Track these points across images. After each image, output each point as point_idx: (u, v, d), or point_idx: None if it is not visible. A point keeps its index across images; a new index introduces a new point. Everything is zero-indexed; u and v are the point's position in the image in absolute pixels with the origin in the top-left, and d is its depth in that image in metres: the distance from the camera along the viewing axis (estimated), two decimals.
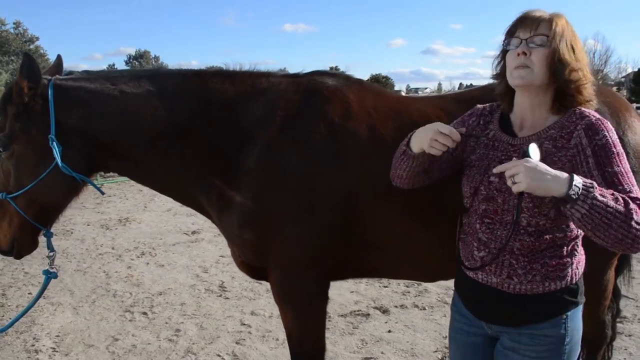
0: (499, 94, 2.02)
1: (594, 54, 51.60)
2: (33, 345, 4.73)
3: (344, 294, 5.84)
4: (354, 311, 5.39)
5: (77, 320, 5.29)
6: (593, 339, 3.06)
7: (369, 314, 5.30)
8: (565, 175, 1.63)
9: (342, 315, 5.29)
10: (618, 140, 1.77)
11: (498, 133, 1.98)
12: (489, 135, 2.00)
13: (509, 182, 1.69)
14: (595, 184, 1.62)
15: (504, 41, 1.93)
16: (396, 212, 2.48)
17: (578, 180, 1.61)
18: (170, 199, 2.92)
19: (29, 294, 6.06)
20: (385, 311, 5.37)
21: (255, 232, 2.54)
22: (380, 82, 58.24)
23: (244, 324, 5.13)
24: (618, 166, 1.72)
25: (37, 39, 58.33)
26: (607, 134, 1.75)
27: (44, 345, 4.73)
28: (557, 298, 1.86)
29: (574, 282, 1.89)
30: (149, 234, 8.94)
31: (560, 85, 1.84)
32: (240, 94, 2.64)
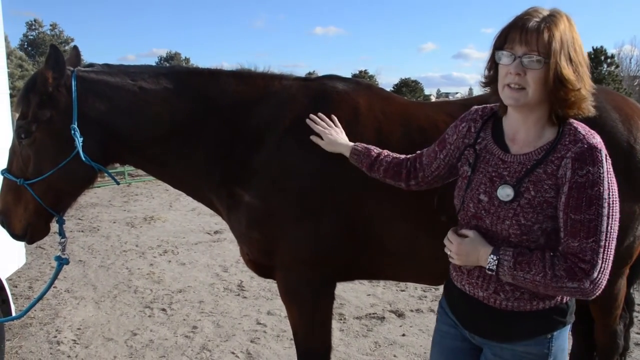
0: (493, 97, 1.87)
1: (630, 60, 50.49)
2: (55, 337, 4.88)
3: (361, 297, 5.87)
4: (370, 314, 5.41)
5: (98, 314, 5.44)
6: (604, 349, 3.03)
7: (384, 317, 5.31)
8: (487, 252, 1.75)
9: (357, 318, 5.31)
10: (606, 174, 1.63)
11: (490, 144, 1.88)
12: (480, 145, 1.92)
13: (446, 251, 1.92)
14: (510, 259, 1.70)
15: (494, 50, 1.75)
16: (401, 215, 2.50)
17: (493, 257, 1.73)
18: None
19: (54, 287, 6.22)
20: (400, 315, 5.38)
21: (262, 232, 2.60)
22: (409, 87, 57.92)
23: (260, 323, 5.19)
24: (584, 213, 1.61)
25: (72, 40, 59.76)
26: (591, 168, 1.62)
27: (65, 337, 4.87)
28: (544, 317, 1.79)
29: (564, 301, 1.81)
30: (173, 232, 9.10)
31: (558, 101, 1.69)
32: (253, 95, 2.69)
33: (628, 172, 2.54)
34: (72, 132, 2.47)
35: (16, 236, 2.65)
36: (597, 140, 1.68)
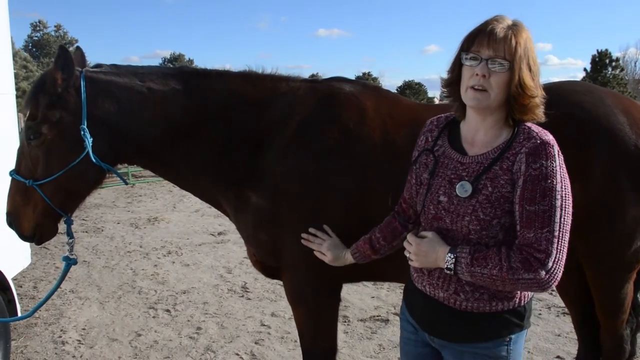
0: (452, 100, 1.94)
1: (635, 63, 50.46)
2: (60, 337, 4.89)
3: (365, 299, 5.86)
4: (374, 316, 5.40)
5: (102, 315, 5.45)
6: (610, 354, 3.01)
7: (388, 320, 5.31)
8: (444, 252, 1.79)
9: (361, 320, 5.31)
10: (558, 168, 1.69)
11: (447, 149, 1.93)
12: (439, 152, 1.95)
13: (406, 254, 1.94)
14: (467, 256, 1.73)
15: (461, 51, 1.82)
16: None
17: (450, 256, 1.76)
18: (199, 200, 3.00)
19: (59, 288, 6.22)
20: None
21: (269, 234, 2.61)
22: (412, 89, 57.89)
23: (264, 325, 5.19)
24: (539, 204, 1.66)
25: (77, 41, 59.80)
26: (544, 162, 1.68)
27: (70, 337, 4.88)
28: (503, 319, 1.82)
29: (521, 304, 1.84)
30: (177, 233, 9.11)
31: (517, 106, 1.75)
32: (261, 97, 2.70)
33: (636, 175, 2.54)
34: (82, 132, 2.47)
35: (25, 237, 2.65)
36: (549, 137, 1.74)
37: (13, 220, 2.60)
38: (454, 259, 1.76)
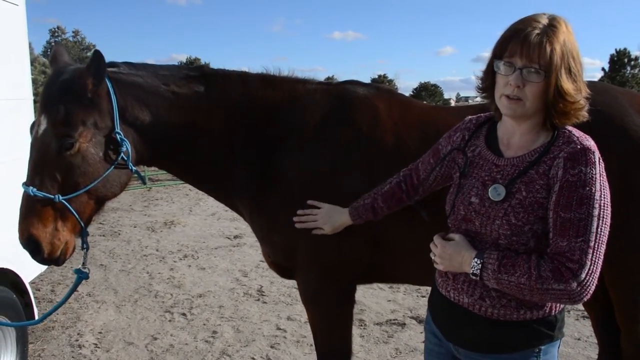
0: (489, 102, 1.87)
1: None
2: (77, 340, 4.92)
3: (381, 303, 5.82)
4: (390, 320, 5.36)
5: (119, 319, 5.47)
6: (631, 359, 2.95)
7: (404, 324, 5.26)
8: (470, 256, 1.71)
9: (377, 324, 5.27)
10: (598, 175, 1.61)
11: (484, 150, 1.87)
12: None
13: (431, 256, 1.89)
14: (494, 262, 1.65)
15: (493, 59, 1.74)
16: (419, 220, 2.47)
17: (477, 261, 1.69)
18: (216, 204, 3.01)
19: (76, 291, 6.26)
20: (421, 321, 5.31)
21: (283, 235, 2.61)
22: (428, 90, 57.82)
23: (280, 329, 5.18)
24: (574, 211, 1.58)
25: (94, 46, 60.56)
26: (583, 168, 1.59)
27: (86, 341, 4.91)
28: (531, 328, 1.73)
29: (553, 313, 1.75)
30: (193, 237, 9.13)
31: (556, 113, 1.68)
32: (279, 99, 2.70)
33: None
34: (118, 137, 2.38)
35: (51, 260, 2.36)
36: (590, 143, 1.66)
37: (34, 245, 2.28)
38: (480, 264, 1.68)
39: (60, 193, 2.28)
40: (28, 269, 4.17)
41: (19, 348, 3.83)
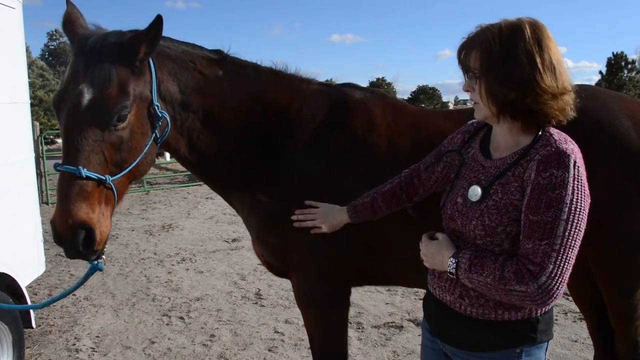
0: None
1: None
2: (74, 345, 4.91)
3: (379, 305, 5.82)
4: (388, 323, 5.36)
5: (116, 322, 5.46)
6: None
7: (402, 326, 5.26)
8: (448, 255, 1.77)
9: (375, 327, 5.27)
10: (572, 179, 1.58)
11: (476, 152, 1.92)
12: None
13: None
14: (466, 261, 1.69)
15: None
16: (412, 221, 2.48)
17: (452, 260, 1.74)
18: (214, 207, 2.99)
19: (73, 295, 6.27)
20: (419, 324, 5.31)
21: (279, 237, 2.62)
22: (427, 94, 57.87)
23: (278, 332, 5.17)
24: (542, 214, 1.58)
25: None
26: (555, 171, 1.59)
27: (84, 345, 4.89)
28: (510, 329, 1.74)
29: (533, 315, 1.74)
30: (191, 240, 9.12)
31: (514, 112, 1.70)
32: (285, 98, 2.68)
33: None
34: (158, 110, 2.23)
35: (97, 251, 2.09)
36: (568, 146, 1.65)
37: (90, 232, 2.01)
38: (455, 263, 1.73)
39: (108, 172, 2.06)
40: (25, 273, 4.17)
41: (16, 352, 3.81)
